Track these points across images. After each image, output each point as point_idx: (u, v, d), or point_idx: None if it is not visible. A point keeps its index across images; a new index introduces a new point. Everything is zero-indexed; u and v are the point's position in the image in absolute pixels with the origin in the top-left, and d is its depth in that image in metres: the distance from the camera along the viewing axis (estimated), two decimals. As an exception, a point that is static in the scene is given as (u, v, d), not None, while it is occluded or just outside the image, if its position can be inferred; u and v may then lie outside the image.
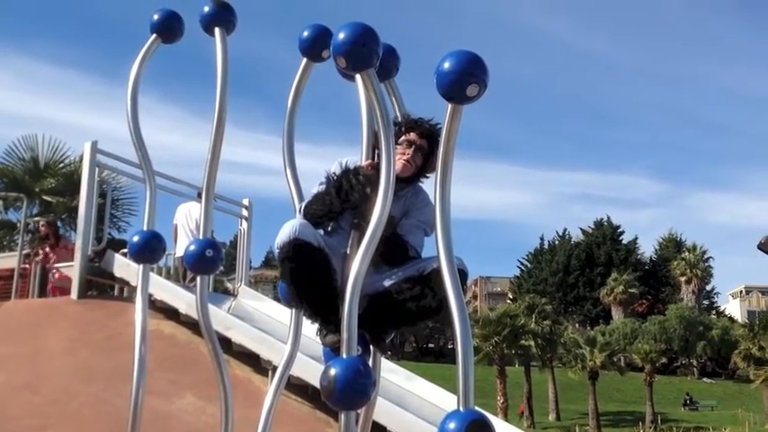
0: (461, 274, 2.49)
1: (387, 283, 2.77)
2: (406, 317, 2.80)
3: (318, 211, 2.79)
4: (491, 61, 2.16)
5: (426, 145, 2.88)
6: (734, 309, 65.81)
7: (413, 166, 2.87)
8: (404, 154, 2.85)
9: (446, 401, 6.55)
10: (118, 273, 8.13)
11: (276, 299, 7.67)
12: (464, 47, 2.15)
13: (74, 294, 7.84)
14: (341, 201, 2.75)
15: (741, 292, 70.97)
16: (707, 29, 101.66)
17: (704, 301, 61.28)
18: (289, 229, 2.65)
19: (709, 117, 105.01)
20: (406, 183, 2.87)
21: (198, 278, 3.13)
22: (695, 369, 54.19)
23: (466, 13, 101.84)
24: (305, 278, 2.68)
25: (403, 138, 2.88)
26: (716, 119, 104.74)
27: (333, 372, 2.13)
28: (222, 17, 3.19)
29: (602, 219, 64.53)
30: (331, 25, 2.89)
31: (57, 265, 9.17)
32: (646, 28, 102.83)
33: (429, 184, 2.28)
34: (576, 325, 55.60)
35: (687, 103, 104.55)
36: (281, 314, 7.92)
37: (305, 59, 3.12)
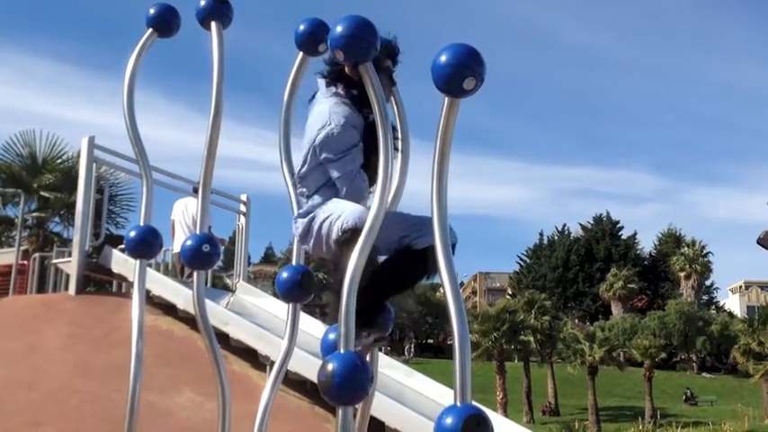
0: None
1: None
2: (396, 285, 2.92)
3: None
4: (489, 55, 2.15)
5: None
6: (733, 304, 65.80)
7: None
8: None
9: (444, 397, 6.54)
10: (115, 268, 8.12)
11: (274, 294, 7.65)
12: (461, 40, 2.14)
13: (71, 290, 7.84)
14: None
15: (740, 287, 70.91)
16: (708, 24, 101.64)
17: (703, 297, 61.24)
18: (359, 212, 2.65)
19: (708, 112, 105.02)
20: None
21: (195, 273, 3.13)
22: (695, 364, 54.20)
23: (464, 6, 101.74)
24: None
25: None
26: (716, 114, 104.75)
27: (330, 367, 2.13)
28: (218, 11, 3.17)
29: (601, 214, 64.48)
30: (328, 19, 2.87)
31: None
32: (646, 22, 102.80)
33: (426, 179, 2.23)
34: (576, 320, 55.60)
35: (687, 99, 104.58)
36: (279, 310, 7.92)
37: (301, 53, 3.12)
